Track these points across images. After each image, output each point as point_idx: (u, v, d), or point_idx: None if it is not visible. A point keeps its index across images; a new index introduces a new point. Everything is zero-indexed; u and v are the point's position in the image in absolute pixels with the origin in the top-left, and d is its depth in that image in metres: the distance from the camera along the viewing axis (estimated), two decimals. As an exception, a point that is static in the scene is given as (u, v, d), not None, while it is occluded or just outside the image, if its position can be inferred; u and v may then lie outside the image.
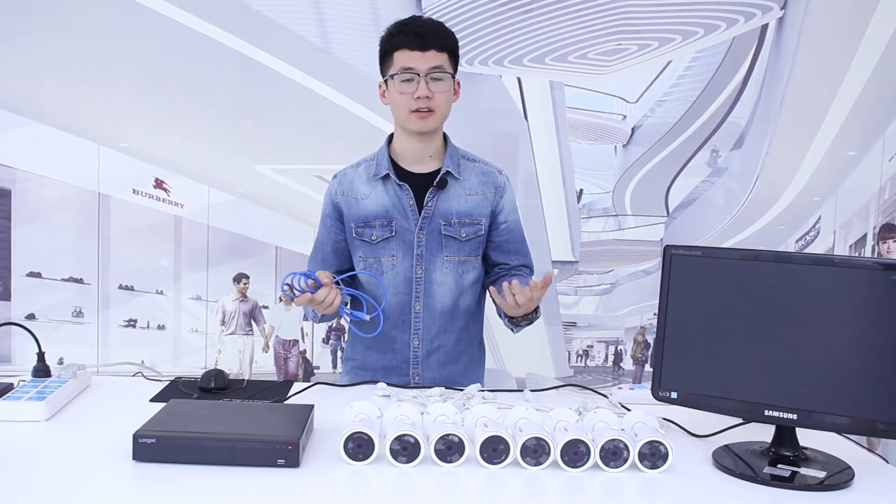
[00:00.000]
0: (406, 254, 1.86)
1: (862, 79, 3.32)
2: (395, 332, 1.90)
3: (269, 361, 3.67)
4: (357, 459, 1.30)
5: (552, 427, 1.37)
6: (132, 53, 3.32)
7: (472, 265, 1.91)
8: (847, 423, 1.30)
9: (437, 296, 1.88)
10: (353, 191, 1.88)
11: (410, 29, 1.78)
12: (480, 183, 1.90)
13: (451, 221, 1.86)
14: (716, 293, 1.38)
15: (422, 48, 1.76)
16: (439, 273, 1.87)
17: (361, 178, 1.89)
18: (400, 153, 1.88)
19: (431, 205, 1.86)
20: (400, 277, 1.87)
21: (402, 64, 1.77)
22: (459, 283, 1.90)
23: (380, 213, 1.86)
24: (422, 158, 1.87)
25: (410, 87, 1.77)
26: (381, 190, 1.87)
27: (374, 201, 1.86)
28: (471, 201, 1.88)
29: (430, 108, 1.78)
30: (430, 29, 1.79)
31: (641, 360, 3.73)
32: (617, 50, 3.47)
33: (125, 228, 3.49)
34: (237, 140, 3.45)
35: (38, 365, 1.66)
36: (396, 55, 1.78)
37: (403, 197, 1.85)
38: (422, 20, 1.83)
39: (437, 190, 1.85)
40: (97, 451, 1.33)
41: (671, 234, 3.64)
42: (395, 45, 1.78)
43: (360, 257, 1.89)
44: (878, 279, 1.26)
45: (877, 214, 3.38)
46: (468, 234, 1.88)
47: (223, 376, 1.76)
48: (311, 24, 3.43)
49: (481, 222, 1.89)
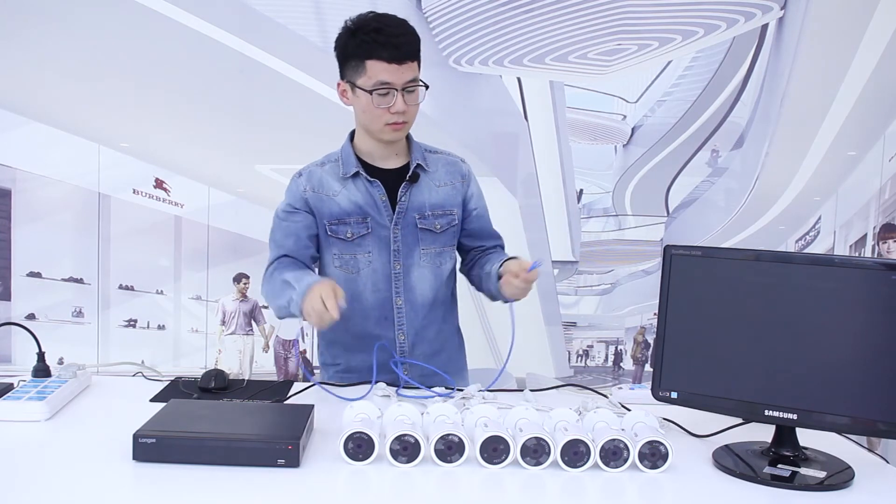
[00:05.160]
0: (382, 250, 1.86)
1: (862, 79, 3.32)
2: (378, 330, 1.88)
3: (269, 361, 3.66)
4: (357, 459, 1.30)
5: (552, 427, 1.37)
6: (132, 53, 3.32)
7: (448, 255, 1.93)
8: (847, 423, 1.30)
9: (418, 289, 1.89)
10: (324, 187, 1.85)
11: (386, 38, 1.71)
12: (448, 174, 1.91)
13: (426, 214, 1.87)
14: (716, 293, 1.38)
15: (398, 61, 1.72)
16: (417, 267, 1.88)
17: (330, 176, 1.86)
18: (366, 152, 1.87)
19: (405, 199, 1.85)
20: (378, 274, 1.86)
21: (378, 77, 1.72)
22: (438, 275, 1.91)
23: (353, 209, 1.84)
24: (388, 156, 1.87)
25: (387, 101, 1.74)
26: (353, 187, 1.85)
27: (347, 198, 1.84)
28: (441, 192, 1.89)
29: (404, 120, 1.78)
30: (404, 38, 1.73)
31: (641, 360, 3.73)
32: (617, 50, 3.47)
33: (125, 228, 3.48)
34: (237, 140, 3.45)
35: (38, 365, 1.66)
36: (370, 65, 1.72)
37: (376, 193, 1.84)
38: (391, 23, 1.75)
39: (409, 184, 1.85)
40: (97, 451, 1.34)
41: (671, 234, 3.64)
42: (367, 52, 1.72)
43: (334, 255, 1.87)
44: (878, 279, 1.26)
45: (877, 214, 3.38)
46: (443, 226, 1.89)
47: (223, 376, 1.76)
48: (311, 24, 3.43)
49: (454, 212, 1.90)
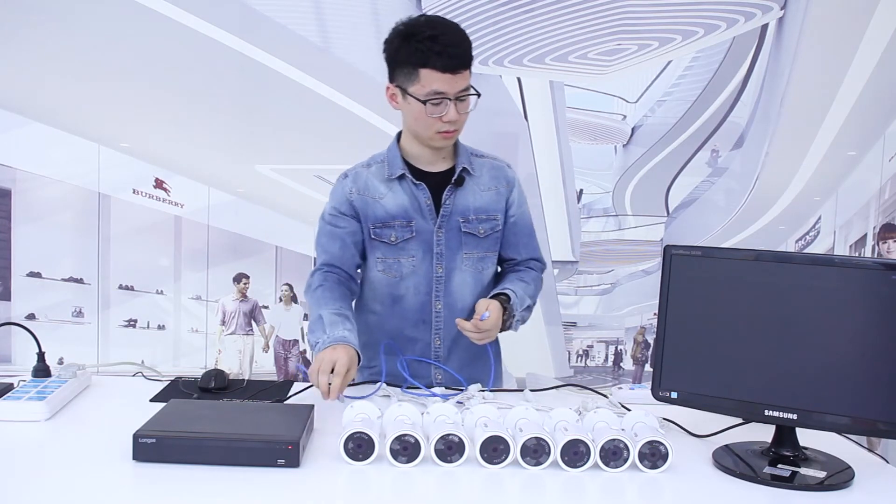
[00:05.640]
0: (426, 253, 1.84)
1: (862, 79, 3.32)
2: (415, 333, 1.87)
3: (269, 361, 3.66)
4: (357, 459, 1.30)
5: (552, 427, 1.37)
6: (132, 53, 3.32)
7: (490, 261, 1.89)
8: (847, 423, 1.30)
9: (458, 294, 1.86)
10: (369, 190, 1.83)
11: (441, 47, 1.66)
12: (492, 178, 1.88)
13: (469, 218, 1.84)
14: (716, 293, 1.38)
15: (453, 70, 1.68)
16: (459, 271, 1.85)
17: (375, 178, 1.84)
18: (413, 155, 1.84)
19: (450, 203, 1.83)
20: (420, 277, 1.85)
21: (432, 87, 1.69)
22: (479, 280, 1.88)
23: (399, 213, 1.82)
24: (436, 160, 1.85)
25: (439, 111, 1.71)
26: (398, 189, 1.83)
27: (392, 201, 1.83)
28: (485, 197, 1.86)
29: (455, 128, 1.76)
30: (460, 49, 1.70)
31: (641, 360, 3.73)
32: (617, 50, 3.47)
33: (125, 228, 3.48)
34: (237, 140, 3.45)
35: (38, 365, 1.66)
36: (424, 74, 1.68)
37: (421, 196, 1.82)
38: (448, 30, 1.70)
39: (454, 188, 1.83)
40: (97, 451, 1.33)
41: (671, 234, 3.64)
42: (422, 61, 1.68)
43: (378, 258, 1.85)
44: (878, 279, 1.26)
45: (877, 214, 3.38)
46: (486, 231, 1.86)
47: (223, 376, 1.76)
48: (311, 24, 3.43)
49: (497, 217, 1.87)
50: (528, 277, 1.90)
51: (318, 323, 1.70)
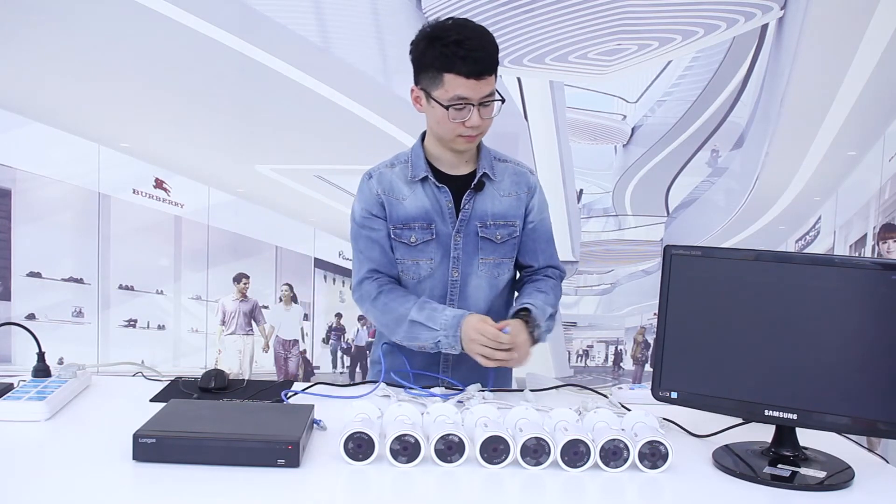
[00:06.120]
0: (444, 256, 1.83)
1: (862, 79, 3.32)
2: None
3: (269, 361, 3.67)
4: (357, 459, 1.30)
5: (552, 427, 1.37)
6: (132, 53, 3.33)
7: (506, 267, 1.88)
8: (847, 423, 1.30)
9: (472, 298, 1.86)
10: (394, 191, 1.82)
11: (466, 52, 1.65)
12: (513, 184, 1.87)
13: (487, 223, 1.83)
14: (716, 293, 1.38)
15: (477, 76, 1.67)
16: (475, 276, 1.85)
17: (399, 179, 1.83)
18: (436, 157, 1.83)
19: (469, 207, 1.82)
20: (437, 280, 1.84)
21: (455, 92, 1.68)
22: (494, 286, 1.87)
23: (420, 215, 1.82)
24: (458, 163, 1.84)
25: (462, 116, 1.70)
26: (420, 191, 1.82)
27: (414, 203, 1.82)
28: (505, 203, 1.85)
29: (478, 133, 1.75)
30: (485, 53, 1.68)
31: (641, 360, 3.74)
32: (617, 50, 3.47)
33: (125, 228, 3.49)
34: (237, 140, 3.45)
35: (38, 365, 1.66)
36: (448, 79, 1.67)
37: (442, 199, 1.82)
38: (472, 35, 1.68)
39: (473, 192, 1.82)
40: (97, 451, 1.33)
41: (671, 234, 3.64)
42: (447, 65, 1.66)
43: (397, 259, 1.85)
44: (878, 279, 1.26)
45: (877, 214, 3.38)
46: (503, 237, 1.85)
47: (223, 376, 1.76)
48: (311, 24, 3.43)
49: (516, 224, 1.86)
50: (546, 287, 1.87)
51: (415, 326, 1.74)
